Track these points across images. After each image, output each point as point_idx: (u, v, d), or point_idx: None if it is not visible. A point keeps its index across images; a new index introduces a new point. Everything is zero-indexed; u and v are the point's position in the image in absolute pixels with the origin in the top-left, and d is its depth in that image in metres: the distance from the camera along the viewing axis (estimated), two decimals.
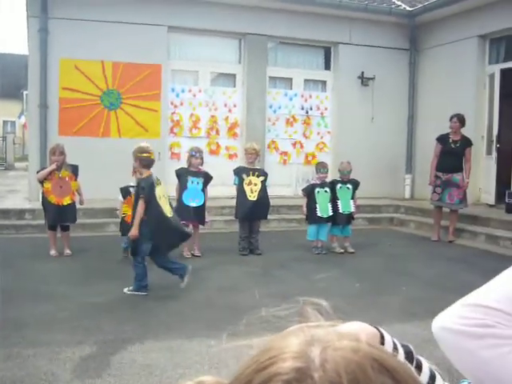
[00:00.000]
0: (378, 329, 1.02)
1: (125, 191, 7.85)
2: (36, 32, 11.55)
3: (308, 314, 0.77)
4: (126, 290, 6.35)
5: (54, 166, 8.21)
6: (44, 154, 11.47)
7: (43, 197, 8.38)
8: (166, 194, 6.66)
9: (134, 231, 6.29)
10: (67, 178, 8.29)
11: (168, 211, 6.50)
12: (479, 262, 8.00)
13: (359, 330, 0.97)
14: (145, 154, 6.62)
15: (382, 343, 0.99)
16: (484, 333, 1.09)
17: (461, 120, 10.03)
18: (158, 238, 6.37)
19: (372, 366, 0.60)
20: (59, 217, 8.25)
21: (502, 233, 9.76)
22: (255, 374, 0.61)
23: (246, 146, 9.39)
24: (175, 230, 6.56)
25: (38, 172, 8.63)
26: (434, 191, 10.10)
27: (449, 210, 10.11)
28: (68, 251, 8.25)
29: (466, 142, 10.04)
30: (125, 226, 7.45)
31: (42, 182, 8.30)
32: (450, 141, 10.04)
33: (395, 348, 1.01)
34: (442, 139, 10.16)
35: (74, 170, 8.49)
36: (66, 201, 8.20)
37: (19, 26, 36.78)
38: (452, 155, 9.92)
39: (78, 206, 8.53)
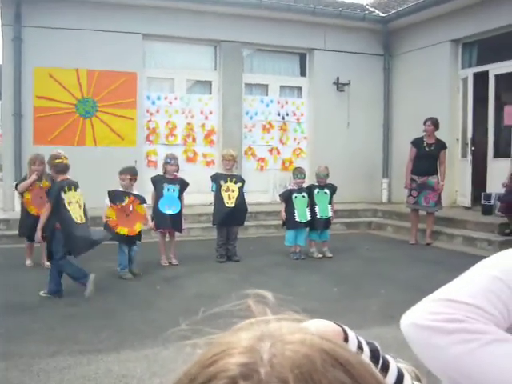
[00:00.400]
0: (341, 326, 0.99)
1: (112, 195, 7.69)
2: (10, 41, 11.45)
3: (254, 308, 0.73)
4: (41, 292, 6.52)
5: (34, 177, 8.02)
6: (19, 163, 11.37)
7: (22, 208, 8.19)
8: (80, 200, 6.74)
9: (37, 235, 6.67)
10: (47, 188, 8.13)
11: (79, 217, 6.58)
12: (457, 264, 7.99)
13: (321, 327, 0.94)
14: (57, 160, 6.79)
15: (346, 341, 0.97)
16: (454, 328, 1.05)
17: (434, 123, 10.11)
18: (65, 242, 6.50)
19: (323, 359, 0.57)
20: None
21: (479, 234, 9.83)
22: (200, 371, 0.58)
23: (222, 152, 9.36)
24: (80, 237, 6.53)
25: (17, 183, 8.39)
26: (410, 194, 10.15)
27: (425, 213, 10.16)
28: (47, 262, 8.10)
29: (441, 145, 10.12)
30: (108, 230, 7.51)
31: (21, 193, 8.12)
32: (425, 144, 10.10)
33: (360, 347, 0.98)
34: (417, 143, 10.23)
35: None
36: None
37: None
38: (427, 158, 9.98)
39: None
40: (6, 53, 11.66)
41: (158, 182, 8.55)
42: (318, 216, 8.91)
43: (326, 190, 9.07)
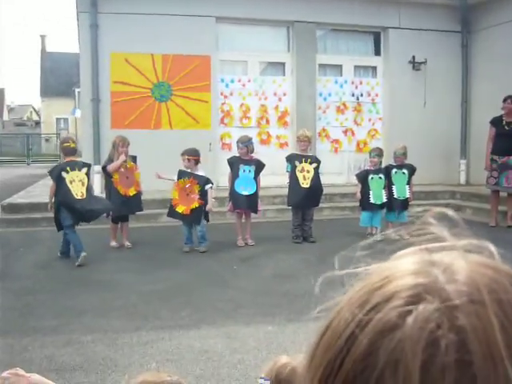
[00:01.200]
0: None
1: (179, 173, 8.09)
2: (87, 27, 11.70)
3: (432, 229, 0.59)
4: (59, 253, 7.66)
5: (123, 157, 8.20)
6: (97, 147, 11.65)
7: (111, 188, 8.29)
8: (84, 178, 7.54)
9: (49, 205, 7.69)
10: (132, 169, 8.32)
11: (80, 193, 7.41)
12: None
13: None
14: (65, 144, 7.76)
15: None
16: None
17: None
18: (70, 214, 7.41)
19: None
20: (125, 207, 8.25)
21: None
22: (370, 295, 0.52)
23: (297, 133, 9.28)
24: (80, 209, 7.36)
25: (104, 166, 8.49)
26: (491, 175, 9.81)
27: (506, 194, 9.82)
28: (128, 243, 8.27)
29: None
30: (171, 209, 8.14)
31: (110, 174, 8.26)
32: (504, 123, 9.74)
33: None
34: (495, 122, 9.89)
35: (134, 160, 8.50)
36: (132, 191, 8.20)
37: (69, 24, 37.48)
38: (506, 137, 9.59)
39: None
40: (83, 39, 11.95)
41: (234, 163, 8.59)
42: (395, 196, 8.74)
43: (404, 170, 8.89)
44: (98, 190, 11.59)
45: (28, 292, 5.92)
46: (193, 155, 8.21)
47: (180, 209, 7.95)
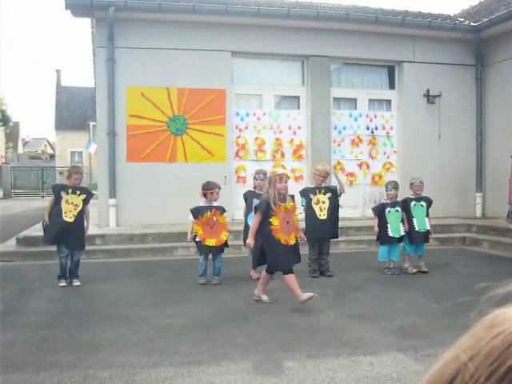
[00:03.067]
0: None
1: (195, 211, 8.06)
2: (103, 61, 11.84)
3: None
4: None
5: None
6: (113, 180, 11.69)
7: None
8: (78, 202, 7.91)
9: (45, 218, 7.97)
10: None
11: (69, 215, 7.82)
12: None
13: None
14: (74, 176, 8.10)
15: None
16: None
17: None
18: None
19: None
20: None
21: None
22: (508, 347, 0.46)
23: (317, 167, 9.16)
24: (56, 231, 7.80)
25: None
26: None
27: None
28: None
29: None
30: (200, 245, 8.03)
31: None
32: None
33: None
34: None
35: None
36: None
37: (84, 59, 37.99)
38: None
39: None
40: (99, 73, 12.09)
41: (248, 196, 8.57)
42: (417, 229, 8.68)
43: (423, 203, 8.84)
44: (114, 223, 11.63)
45: (45, 326, 5.88)
46: (220, 188, 8.37)
47: (210, 242, 7.91)
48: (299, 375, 4.47)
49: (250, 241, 6.81)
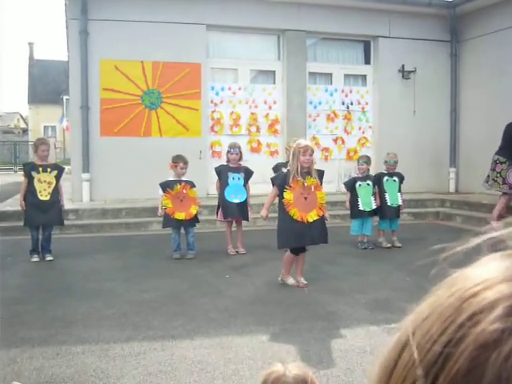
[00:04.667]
0: None
1: (164, 185, 8.05)
2: (76, 34, 11.63)
3: None
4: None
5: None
6: (86, 155, 11.55)
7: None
8: (51, 179, 7.88)
9: (21, 203, 7.95)
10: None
11: (44, 194, 7.82)
12: None
13: None
14: (41, 149, 8.02)
15: None
16: None
17: None
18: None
19: None
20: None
21: None
22: (462, 303, 0.46)
23: (290, 143, 9.11)
24: (38, 210, 7.80)
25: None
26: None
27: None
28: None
29: None
30: (167, 218, 8.04)
31: None
32: None
33: None
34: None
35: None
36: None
37: (57, 32, 37.38)
38: None
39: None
40: (72, 46, 11.87)
41: (222, 171, 8.53)
42: (389, 204, 8.74)
43: (395, 178, 8.89)
44: (87, 198, 11.53)
45: (17, 302, 5.82)
46: (187, 162, 8.21)
47: (179, 216, 7.90)
48: (273, 349, 4.49)
49: (264, 212, 6.72)
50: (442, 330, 0.45)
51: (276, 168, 8.82)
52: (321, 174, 6.72)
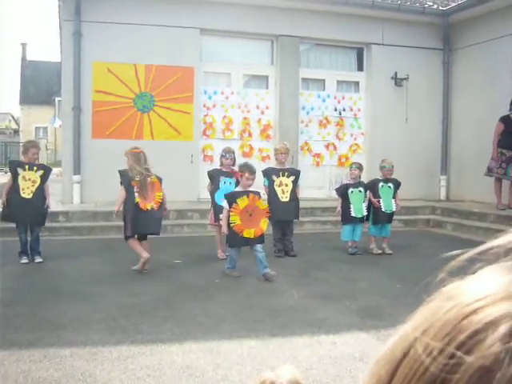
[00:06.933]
0: None
1: (230, 197, 7.13)
2: (69, 35, 11.60)
3: None
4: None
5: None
6: (77, 157, 11.51)
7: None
8: (35, 178, 7.81)
9: (2, 197, 7.90)
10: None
11: (28, 192, 7.75)
12: None
13: None
14: (31, 151, 7.97)
15: None
16: None
17: None
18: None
19: None
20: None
21: None
22: (458, 321, 0.44)
23: (277, 146, 9.25)
24: (18, 208, 7.72)
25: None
26: (500, 166, 10.93)
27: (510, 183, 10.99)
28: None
29: None
30: (234, 237, 7.06)
31: None
32: None
33: None
34: (505, 119, 10.91)
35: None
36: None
37: (51, 33, 37.29)
38: None
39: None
40: (65, 47, 11.84)
41: (214, 175, 8.52)
42: (383, 210, 8.76)
43: (390, 184, 8.92)
44: (78, 200, 11.48)
45: (5, 304, 5.77)
46: (254, 172, 7.34)
47: (248, 234, 6.96)
48: (262, 354, 4.48)
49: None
50: (441, 348, 0.43)
51: (265, 172, 8.84)
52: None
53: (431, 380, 0.43)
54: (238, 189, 7.34)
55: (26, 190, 7.78)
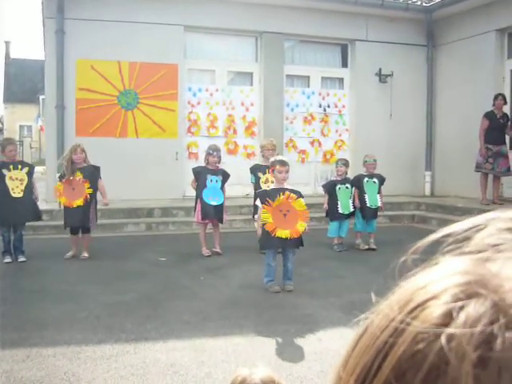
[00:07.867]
0: None
1: (263, 195, 6.55)
2: (52, 33, 11.51)
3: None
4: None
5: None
6: (61, 154, 11.41)
7: None
8: (22, 176, 7.83)
9: None
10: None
11: (17, 191, 7.75)
12: None
13: None
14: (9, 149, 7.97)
15: None
16: None
17: (505, 98, 11.10)
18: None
19: None
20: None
21: None
22: (413, 293, 0.47)
23: (263, 142, 9.25)
24: (11, 209, 7.66)
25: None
26: (487, 161, 10.97)
27: (493, 177, 11.15)
28: (85, 254, 8.07)
29: (507, 117, 11.15)
30: (266, 237, 6.40)
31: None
32: (498, 117, 11.03)
33: None
34: (490, 116, 11.01)
35: (98, 171, 8.56)
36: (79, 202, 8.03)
37: (34, 30, 37.02)
38: (500, 129, 11.02)
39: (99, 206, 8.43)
40: (48, 45, 11.73)
41: (200, 172, 8.48)
42: (368, 205, 8.78)
43: (375, 180, 8.94)
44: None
45: None
46: (286, 165, 6.64)
47: (283, 234, 6.30)
48: (247, 351, 4.47)
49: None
50: (392, 318, 0.46)
51: (251, 169, 8.84)
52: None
53: (381, 347, 0.46)
54: (274, 185, 6.75)
55: (16, 190, 7.76)
